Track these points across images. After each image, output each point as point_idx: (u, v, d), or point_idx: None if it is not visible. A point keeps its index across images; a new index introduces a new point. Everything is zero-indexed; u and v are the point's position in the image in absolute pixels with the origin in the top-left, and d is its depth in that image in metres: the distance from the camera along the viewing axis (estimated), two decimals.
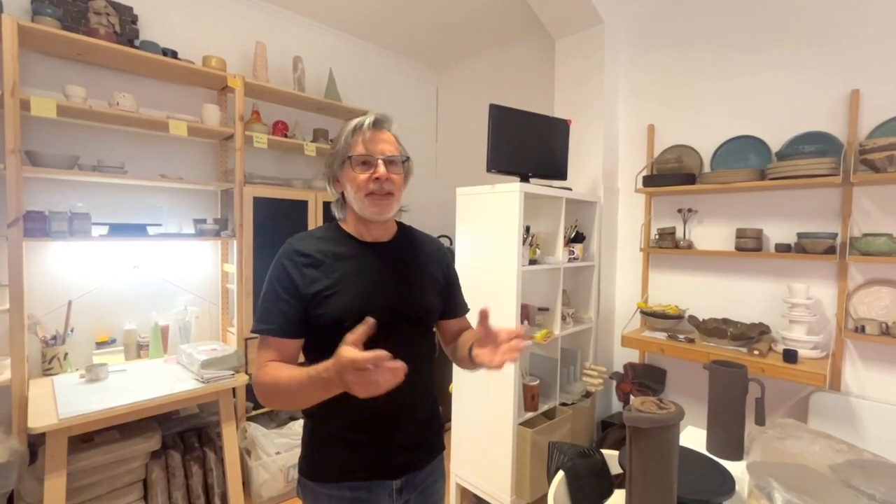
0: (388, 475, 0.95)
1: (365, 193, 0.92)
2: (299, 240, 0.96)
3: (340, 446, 0.93)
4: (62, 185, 2.04)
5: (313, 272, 0.90)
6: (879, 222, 1.80)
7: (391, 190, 0.94)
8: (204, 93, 2.47)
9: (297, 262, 0.91)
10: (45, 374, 1.94)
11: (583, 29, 2.50)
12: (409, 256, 1.03)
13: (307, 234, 0.98)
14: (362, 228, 0.99)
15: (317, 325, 0.90)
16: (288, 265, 0.91)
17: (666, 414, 0.79)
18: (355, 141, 0.93)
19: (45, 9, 1.84)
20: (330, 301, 0.89)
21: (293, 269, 0.90)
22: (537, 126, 2.16)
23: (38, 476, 1.66)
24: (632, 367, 2.37)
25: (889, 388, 1.79)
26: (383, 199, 0.93)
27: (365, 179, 0.92)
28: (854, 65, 1.85)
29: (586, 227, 2.43)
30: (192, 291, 2.45)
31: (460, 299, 1.15)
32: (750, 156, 2.09)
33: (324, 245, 0.95)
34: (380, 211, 0.94)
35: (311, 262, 0.91)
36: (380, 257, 0.98)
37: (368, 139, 0.93)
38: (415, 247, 1.06)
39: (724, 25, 2.19)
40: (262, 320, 0.90)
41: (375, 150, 0.93)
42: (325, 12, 2.88)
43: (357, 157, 0.92)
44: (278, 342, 0.89)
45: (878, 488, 0.84)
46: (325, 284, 0.90)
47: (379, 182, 0.92)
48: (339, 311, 0.89)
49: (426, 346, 1.03)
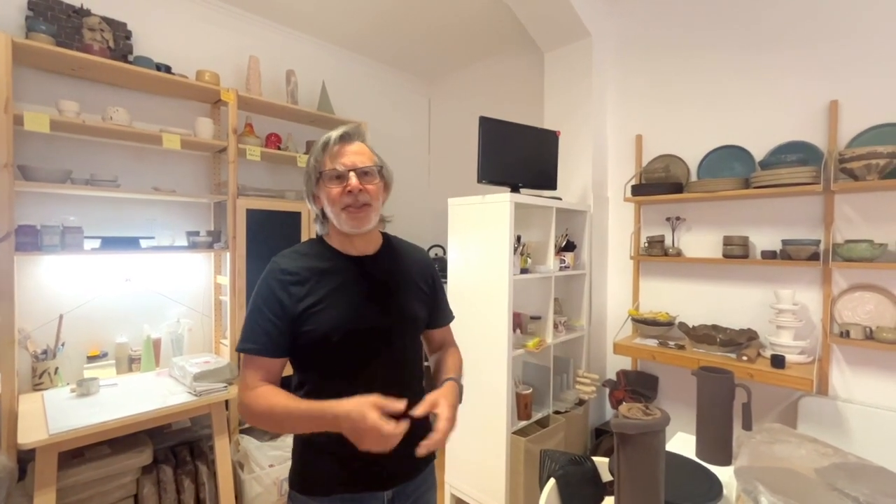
0: (379, 486, 0.95)
1: (340, 208, 0.92)
2: (284, 258, 0.95)
3: (330, 458, 0.93)
4: (55, 198, 2.04)
5: (299, 289, 0.90)
6: (860, 229, 1.84)
7: (367, 201, 0.93)
8: (197, 106, 2.49)
9: (282, 281, 0.91)
10: (35, 389, 1.92)
11: (570, 42, 2.56)
12: (394, 268, 1.02)
13: (292, 252, 0.98)
14: (346, 242, 0.98)
15: (304, 341, 0.90)
16: (273, 284, 0.91)
17: (652, 420, 0.81)
18: (326, 157, 0.93)
19: (39, 25, 1.86)
20: (317, 318, 0.89)
21: (279, 288, 0.90)
22: (527, 137, 2.20)
23: (27, 493, 1.63)
24: (624, 375, 2.39)
25: (875, 391, 1.82)
26: (359, 212, 0.92)
27: (338, 193, 0.91)
28: (833, 77, 1.91)
29: (577, 236, 2.46)
30: (185, 304, 2.45)
31: (445, 308, 1.15)
32: (735, 165, 2.14)
33: (309, 262, 0.95)
34: (357, 224, 0.93)
35: (297, 280, 0.91)
36: (365, 271, 0.98)
37: (337, 153, 0.93)
38: (400, 258, 1.06)
39: (709, 39, 2.26)
40: (247, 339, 0.90)
41: (346, 163, 0.92)
42: (317, 26, 2.92)
43: (328, 173, 0.92)
44: (263, 361, 0.90)
45: (862, 490, 0.86)
46: (312, 301, 0.90)
47: (353, 195, 0.91)
48: (326, 328, 0.89)
49: (414, 356, 1.03)
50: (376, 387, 0.89)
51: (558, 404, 2.26)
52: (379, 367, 0.94)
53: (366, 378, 0.92)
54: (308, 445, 0.95)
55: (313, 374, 0.94)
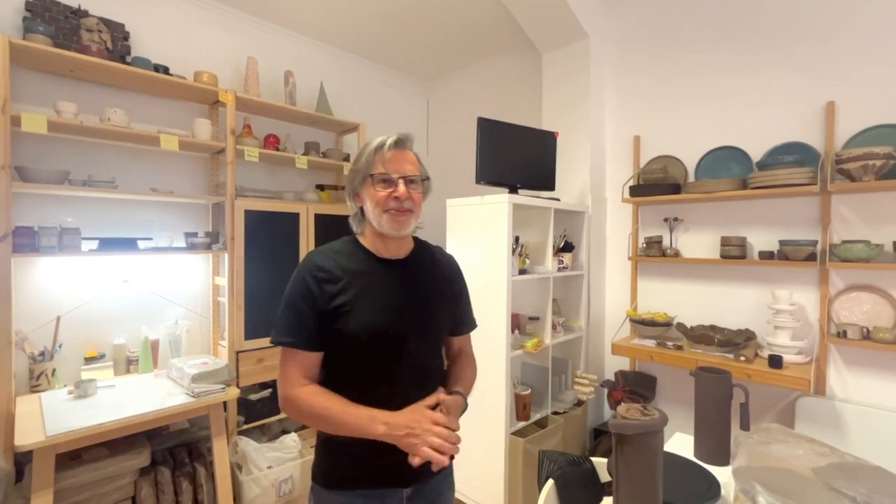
0: (400, 483, 0.97)
1: (384, 210, 0.94)
2: (319, 254, 0.98)
3: (353, 454, 0.95)
4: (52, 200, 2.04)
5: (331, 287, 0.93)
6: (857, 229, 1.85)
7: (410, 207, 0.96)
8: (196, 107, 2.49)
9: (317, 277, 0.93)
10: (32, 391, 1.92)
11: (568, 43, 2.56)
12: (423, 273, 1.05)
13: (327, 248, 1.00)
14: (379, 244, 1.00)
15: (332, 339, 0.93)
16: (309, 280, 0.93)
17: (649, 420, 0.81)
18: (377, 159, 0.95)
19: (36, 26, 1.85)
20: (347, 318, 0.92)
21: (314, 283, 0.92)
22: (525, 138, 2.20)
23: (24, 495, 1.63)
24: (623, 375, 2.39)
25: (872, 391, 1.82)
26: (401, 216, 0.96)
27: (385, 196, 0.94)
28: (829, 78, 1.92)
29: (575, 237, 2.46)
30: (183, 305, 2.44)
31: (469, 317, 1.17)
32: (732, 166, 2.15)
33: (342, 261, 0.97)
34: (397, 227, 0.96)
35: (331, 278, 0.93)
36: (395, 275, 1.00)
37: (390, 158, 0.95)
38: (430, 263, 1.08)
39: (706, 41, 2.27)
40: (285, 333, 0.92)
41: (397, 170, 0.95)
42: (315, 28, 2.92)
43: (378, 176, 0.95)
44: (302, 355, 0.92)
45: (859, 490, 0.86)
46: (343, 301, 0.92)
47: (399, 200, 0.94)
48: (355, 328, 0.92)
49: (437, 361, 1.05)
50: (397, 388, 0.94)
51: (557, 405, 2.26)
52: (402, 369, 0.96)
53: (388, 380, 0.95)
54: (331, 440, 0.97)
55: (336, 372, 0.96)
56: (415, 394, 0.95)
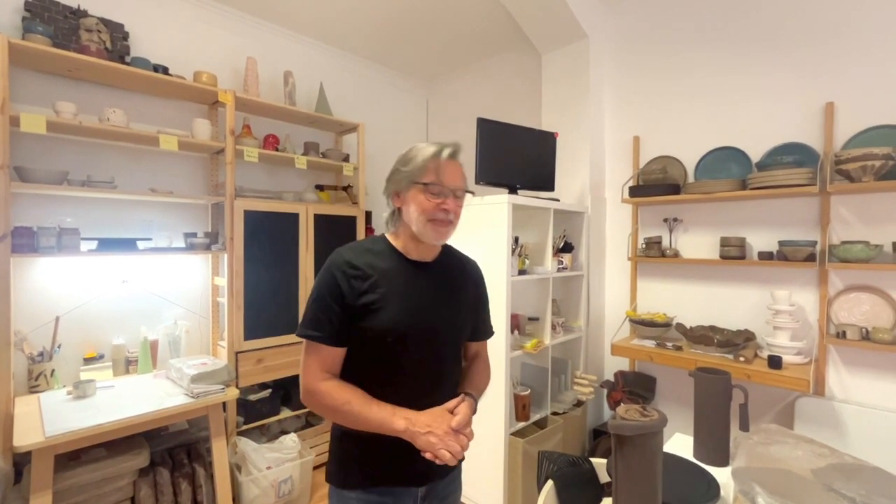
0: (414, 482, 0.98)
1: (429, 219, 0.95)
2: (349, 250, 0.98)
3: (369, 453, 0.96)
4: (51, 200, 2.04)
5: (360, 284, 0.93)
6: (856, 230, 1.85)
7: (453, 220, 0.98)
8: (195, 107, 2.49)
9: (347, 274, 0.93)
10: (31, 392, 1.92)
11: (568, 44, 2.56)
12: (449, 278, 1.06)
13: (357, 246, 1.01)
14: (411, 247, 1.01)
15: (359, 337, 0.93)
16: (338, 275, 0.93)
17: (649, 421, 0.81)
18: (432, 167, 0.96)
19: (35, 26, 1.85)
20: (374, 316, 0.92)
21: (343, 279, 0.92)
22: (525, 139, 2.20)
23: (23, 496, 1.62)
24: (622, 376, 2.39)
25: (871, 391, 1.83)
26: (445, 227, 0.97)
27: (433, 206, 0.95)
28: (829, 79, 1.92)
29: (575, 237, 2.46)
30: (182, 305, 2.44)
31: (487, 322, 1.19)
32: (731, 166, 2.15)
33: (372, 259, 0.97)
34: (440, 237, 0.98)
35: (360, 275, 0.94)
36: (423, 277, 1.01)
37: (444, 168, 0.96)
38: (455, 268, 1.09)
39: (706, 41, 2.27)
40: (310, 326, 0.92)
41: (450, 183, 0.96)
42: (315, 28, 2.92)
43: (433, 186, 0.95)
44: (326, 350, 0.93)
45: (858, 491, 0.86)
46: (372, 299, 0.93)
47: (446, 213, 0.96)
48: (382, 327, 0.92)
49: (456, 363, 1.07)
50: (417, 389, 0.96)
51: (556, 405, 2.26)
52: (423, 370, 0.97)
53: (408, 379, 0.96)
54: (346, 439, 0.98)
55: (357, 369, 0.96)
56: (433, 395, 0.96)
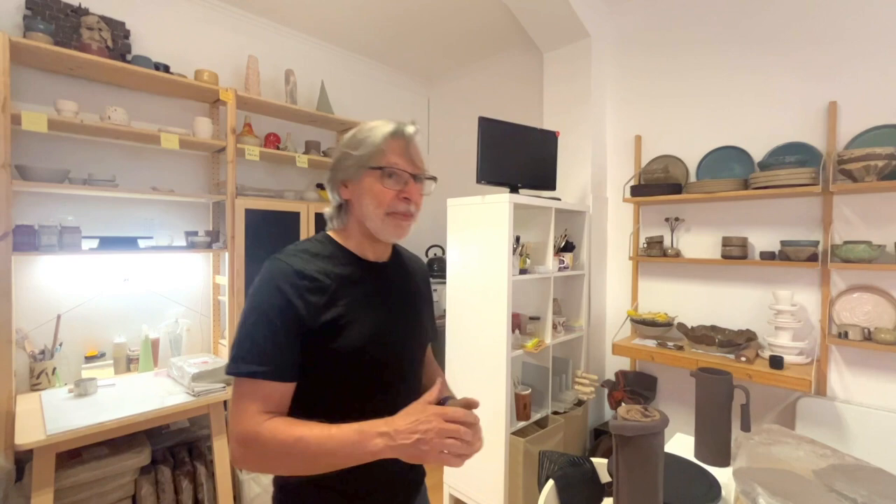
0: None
1: (387, 212, 0.80)
2: (294, 257, 0.79)
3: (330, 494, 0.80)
4: (52, 198, 2.04)
5: (319, 298, 0.76)
6: (859, 230, 1.85)
7: (414, 212, 0.83)
8: (196, 106, 2.49)
9: (298, 287, 0.75)
10: (32, 390, 1.92)
11: (570, 43, 2.56)
12: (406, 278, 0.94)
13: (302, 252, 0.81)
14: (366, 246, 0.86)
15: (326, 359, 0.77)
16: (287, 290, 0.74)
17: (650, 421, 0.81)
18: (391, 148, 0.79)
19: (37, 24, 1.85)
20: (342, 335, 0.76)
21: (294, 294, 0.74)
22: (526, 138, 2.20)
23: (24, 494, 1.63)
24: (623, 375, 2.39)
25: (873, 392, 1.82)
26: (406, 221, 0.83)
27: (393, 196, 0.79)
28: (831, 78, 1.91)
29: (576, 237, 2.46)
30: (183, 304, 2.44)
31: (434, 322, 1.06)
32: (734, 166, 2.14)
33: (325, 265, 0.80)
34: (399, 234, 0.83)
35: (317, 287, 0.76)
36: (383, 280, 0.87)
37: (404, 149, 0.80)
38: (407, 267, 0.97)
39: (708, 40, 2.26)
40: (250, 360, 0.71)
41: (412, 165, 0.81)
42: (316, 26, 2.92)
43: (391, 169, 0.79)
44: (270, 387, 0.72)
45: (860, 492, 0.86)
46: (337, 314, 0.76)
47: (408, 203, 0.81)
48: (359, 342, 0.78)
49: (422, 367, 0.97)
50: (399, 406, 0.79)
51: (557, 405, 2.26)
52: (403, 385, 0.86)
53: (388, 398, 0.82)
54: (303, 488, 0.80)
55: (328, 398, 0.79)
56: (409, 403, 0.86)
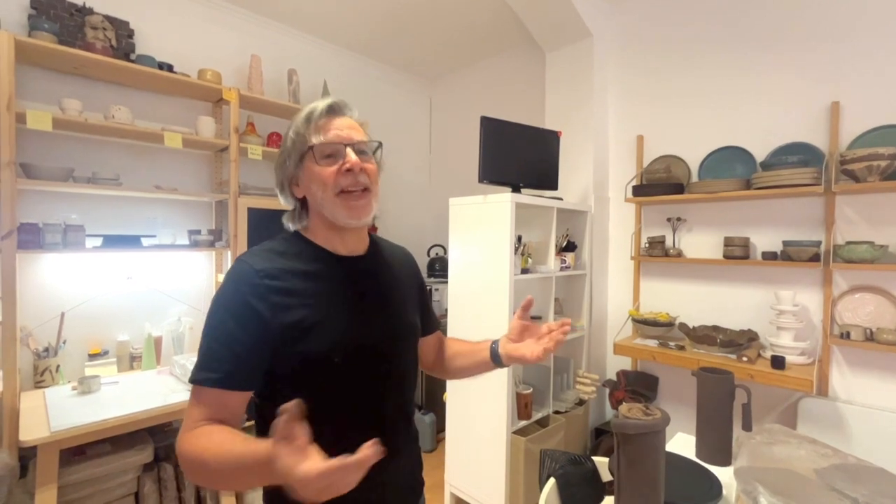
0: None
1: (336, 192, 0.76)
2: (256, 257, 0.75)
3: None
4: (57, 197, 2.05)
5: (283, 299, 0.71)
6: (861, 230, 1.84)
7: (367, 184, 0.78)
8: (199, 105, 2.50)
9: (260, 287, 0.71)
10: (36, 387, 1.93)
11: (572, 42, 2.56)
12: (386, 272, 0.88)
13: (265, 250, 0.78)
14: (334, 238, 0.81)
15: (293, 365, 0.72)
16: (247, 292, 0.70)
17: (652, 420, 0.81)
18: (314, 129, 0.77)
19: (41, 24, 1.86)
20: (312, 335, 0.72)
21: (255, 296, 0.70)
22: (528, 137, 2.20)
23: (28, 490, 1.64)
24: (624, 375, 2.39)
25: (874, 392, 1.82)
26: (361, 198, 0.77)
27: (332, 174, 0.75)
28: (834, 78, 1.91)
29: (578, 236, 2.46)
30: (186, 302, 2.45)
31: (433, 312, 1.04)
32: (736, 166, 2.14)
33: (290, 263, 0.76)
34: (357, 213, 0.77)
35: (280, 287, 0.72)
36: (358, 275, 0.82)
37: (325, 126, 0.77)
38: (389, 260, 0.92)
39: (710, 40, 2.25)
40: (202, 366, 0.69)
41: (341, 137, 0.76)
42: (319, 26, 2.92)
43: (319, 148, 0.75)
44: (219, 396, 0.67)
45: (861, 492, 0.86)
46: (302, 315, 0.72)
47: (352, 174, 0.75)
48: (326, 346, 0.72)
49: (415, 374, 0.91)
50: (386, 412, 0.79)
51: (558, 404, 2.26)
52: (387, 389, 0.81)
53: (372, 404, 0.78)
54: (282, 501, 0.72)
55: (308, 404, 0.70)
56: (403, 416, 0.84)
